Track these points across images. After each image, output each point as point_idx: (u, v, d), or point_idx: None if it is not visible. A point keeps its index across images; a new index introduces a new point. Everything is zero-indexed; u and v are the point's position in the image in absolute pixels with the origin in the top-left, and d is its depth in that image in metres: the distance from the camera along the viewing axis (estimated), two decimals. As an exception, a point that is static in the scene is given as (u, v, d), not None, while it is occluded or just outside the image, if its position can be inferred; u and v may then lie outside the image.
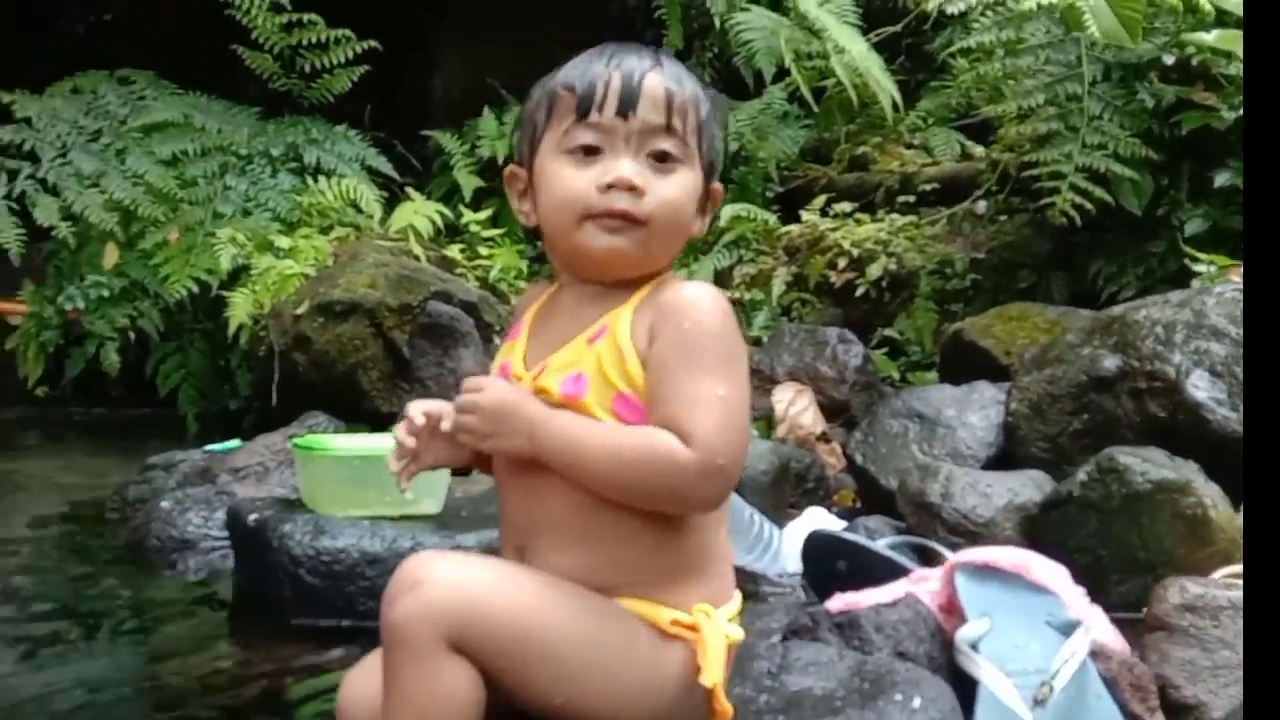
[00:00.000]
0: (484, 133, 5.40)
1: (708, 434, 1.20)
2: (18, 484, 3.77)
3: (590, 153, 1.29)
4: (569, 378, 1.27)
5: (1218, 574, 1.88)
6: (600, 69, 1.29)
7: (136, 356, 5.04)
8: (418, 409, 1.39)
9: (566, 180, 1.29)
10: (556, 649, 1.21)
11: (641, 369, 1.25)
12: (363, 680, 1.37)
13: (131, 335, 4.81)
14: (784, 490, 2.99)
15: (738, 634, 1.31)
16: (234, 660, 2.03)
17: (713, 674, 1.23)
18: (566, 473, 1.25)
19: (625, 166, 1.27)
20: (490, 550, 2.05)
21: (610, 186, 1.27)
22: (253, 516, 2.17)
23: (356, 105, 5.54)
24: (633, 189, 1.27)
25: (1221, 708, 1.54)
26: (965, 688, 1.49)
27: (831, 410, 3.50)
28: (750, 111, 5.22)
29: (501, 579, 1.22)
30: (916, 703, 1.36)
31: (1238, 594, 1.62)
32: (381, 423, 4.01)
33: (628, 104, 1.27)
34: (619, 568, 1.27)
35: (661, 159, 1.29)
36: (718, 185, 1.38)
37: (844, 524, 2.52)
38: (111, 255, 4.73)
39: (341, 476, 2.16)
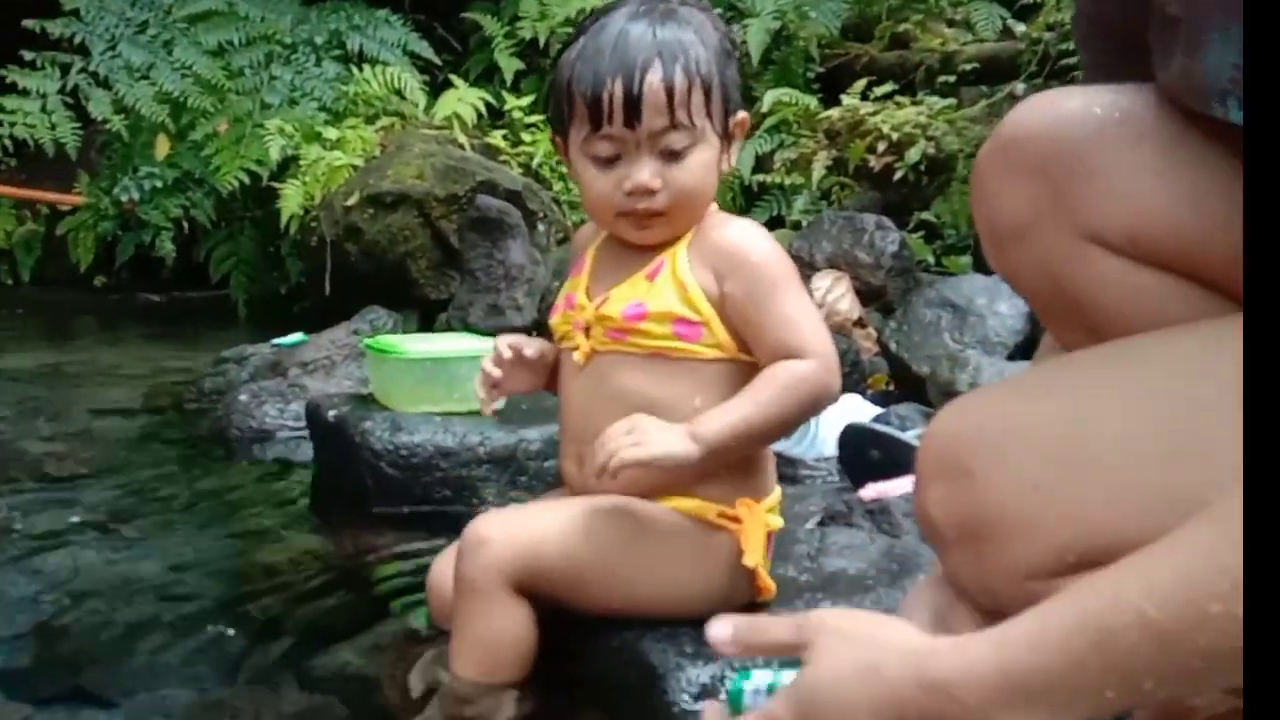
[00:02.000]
0: (524, 13, 5.47)
1: (814, 340, 1.43)
2: (81, 375, 4.01)
3: (610, 159, 1.46)
4: (630, 305, 1.48)
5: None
6: (604, 72, 1.42)
7: (186, 243, 5.28)
8: (504, 344, 1.61)
9: (594, 184, 1.49)
10: (604, 569, 1.45)
11: (705, 300, 1.46)
12: (448, 564, 1.62)
13: (185, 225, 5.04)
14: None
15: (777, 523, 1.53)
16: (320, 543, 2.27)
17: (754, 556, 1.46)
18: (739, 448, 1.44)
19: (641, 172, 1.45)
20: (551, 444, 2.29)
21: (631, 192, 1.45)
22: (332, 412, 2.39)
23: (395, -14, 5.65)
24: (650, 192, 1.45)
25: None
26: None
27: (868, 295, 3.68)
28: (792, -11, 5.28)
29: (550, 524, 1.46)
30: (938, 581, 1.58)
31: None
32: (430, 310, 4.24)
33: (633, 115, 1.42)
34: (674, 474, 1.48)
35: (674, 154, 1.45)
36: (742, 115, 1.54)
37: (878, 410, 2.72)
38: (163, 147, 4.93)
39: (413, 376, 2.37)
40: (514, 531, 1.44)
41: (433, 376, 2.35)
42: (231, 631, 1.75)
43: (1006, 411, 0.94)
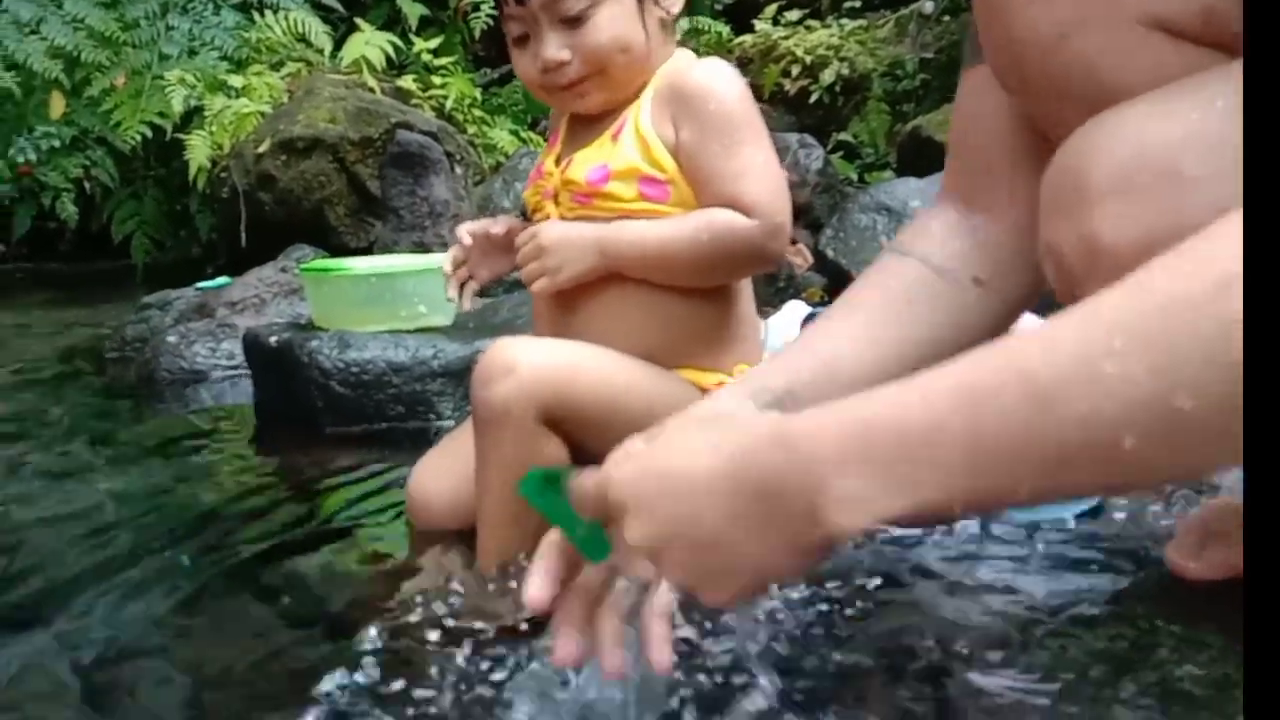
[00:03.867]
0: (425, -43, 5.33)
1: (762, 198, 1.35)
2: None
3: (522, 38, 1.43)
4: (594, 168, 1.41)
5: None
6: None
7: (85, 208, 5.05)
8: (463, 230, 1.54)
9: (519, 67, 1.46)
10: (633, 414, 1.34)
11: (669, 154, 1.38)
12: (434, 472, 1.54)
13: (87, 185, 4.81)
14: (757, 289, 3.15)
15: None
16: (272, 467, 2.16)
17: None
18: (642, 271, 1.38)
19: (546, 47, 1.40)
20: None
21: (544, 70, 1.40)
22: (274, 338, 2.28)
23: (291, -66, 5.44)
24: (560, 65, 1.40)
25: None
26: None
27: (795, 213, 3.63)
28: (692, -78, 5.20)
29: (583, 358, 1.36)
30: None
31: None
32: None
33: None
34: (663, 346, 1.42)
35: (574, 19, 1.39)
36: None
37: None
38: (59, 104, 4.70)
39: (357, 295, 2.27)
40: (544, 358, 1.33)
41: (379, 294, 2.26)
42: (187, 557, 1.63)
43: (1200, 113, 0.78)
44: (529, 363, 1.31)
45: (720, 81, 1.39)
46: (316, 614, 1.41)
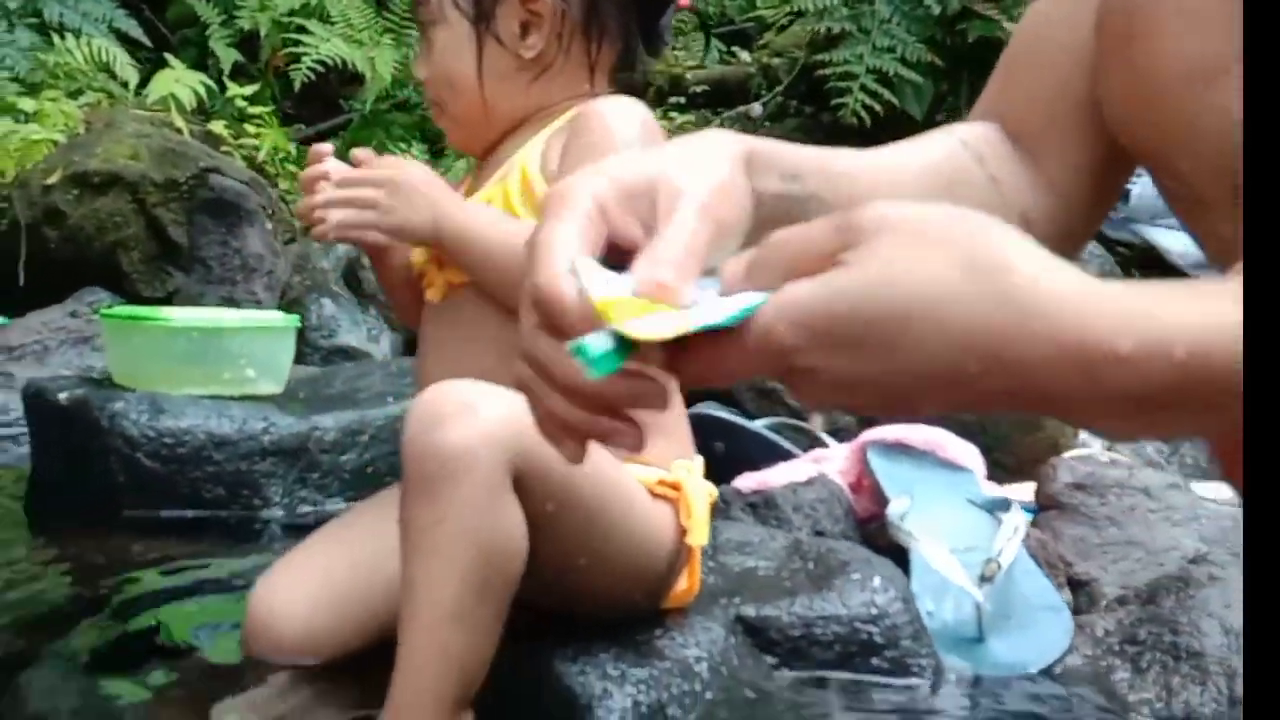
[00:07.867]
0: (243, 2, 4.87)
1: None
2: None
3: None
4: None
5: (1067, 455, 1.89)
6: None
7: None
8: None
9: None
10: (594, 495, 1.03)
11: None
12: (287, 589, 1.16)
13: None
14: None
15: (714, 491, 1.18)
16: (51, 556, 1.71)
17: (699, 534, 1.10)
18: (461, 260, 1.13)
19: (416, 61, 1.26)
20: (348, 434, 1.84)
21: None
22: (64, 395, 1.83)
23: (99, -39, 4.89)
24: (422, 85, 1.27)
25: (1112, 583, 1.52)
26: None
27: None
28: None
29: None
30: (876, 581, 1.27)
31: (1122, 472, 1.62)
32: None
33: None
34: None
35: (424, 33, 1.23)
36: None
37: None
38: None
39: (174, 351, 1.83)
40: (512, 403, 0.92)
41: (200, 351, 1.84)
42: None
43: None
44: (496, 406, 0.95)
45: (614, 110, 1.15)
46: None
